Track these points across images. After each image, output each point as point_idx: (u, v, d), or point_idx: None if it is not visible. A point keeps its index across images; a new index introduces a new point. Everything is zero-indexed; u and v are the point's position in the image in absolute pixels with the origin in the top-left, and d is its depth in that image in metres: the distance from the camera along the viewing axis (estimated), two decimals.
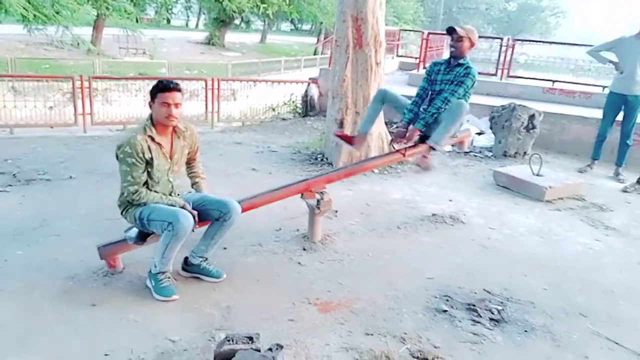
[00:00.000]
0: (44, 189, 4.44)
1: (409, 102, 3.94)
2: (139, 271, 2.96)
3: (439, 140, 3.73)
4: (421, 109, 3.89)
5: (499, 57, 10.38)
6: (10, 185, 4.45)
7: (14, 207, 3.97)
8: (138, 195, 2.68)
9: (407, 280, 3.15)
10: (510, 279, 3.29)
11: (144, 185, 2.71)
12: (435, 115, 3.72)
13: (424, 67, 11.22)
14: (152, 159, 2.68)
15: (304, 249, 3.48)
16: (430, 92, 3.93)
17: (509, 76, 10.21)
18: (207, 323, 2.55)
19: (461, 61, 3.79)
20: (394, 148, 3.86)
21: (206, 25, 33.08)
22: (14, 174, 4.76)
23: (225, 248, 3.37)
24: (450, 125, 3.70)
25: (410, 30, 23.89)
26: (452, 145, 3.94)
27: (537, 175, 5.24)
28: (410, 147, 3.83)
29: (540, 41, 21.48)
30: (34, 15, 12.33)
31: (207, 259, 2.99)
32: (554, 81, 9.62)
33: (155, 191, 2.75)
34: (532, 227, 4.27)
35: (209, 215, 2.85)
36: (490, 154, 6.72)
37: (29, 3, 11.94)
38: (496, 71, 10.31)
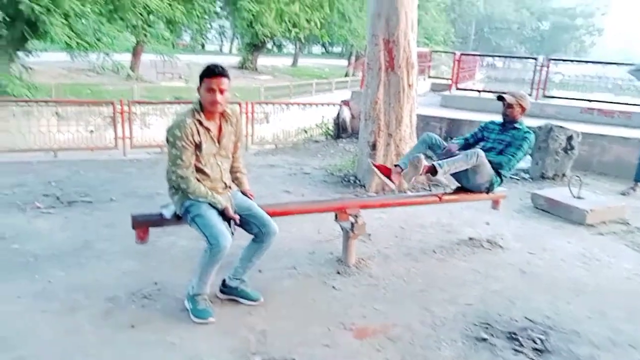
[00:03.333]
0: (86, 210, 4.58)
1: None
2: (177, 293, 3.00)
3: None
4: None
5: (534, 76, 10.24)
6: (53, 207, 4.60)
7: (57, 228, 4.10)
8: (186, 183, 2.67)
9: (444, 307, 3.08)
10: (552, 306, 3.17)
11: (193, 171, 2.69)
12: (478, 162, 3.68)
13: (457, 88, 11.17)
14: (200, 142, 2.67)
15: (338, 273, 3.46)
16: (481, 142, 4.08)
17: (544, 96, 10.04)
18: (243, 347, 2.55)
19: (517, 125, 3.92)
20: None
21: (239, 50, 33.89)
22: (57, 196, 4.92)
23: (260, 271, 3.38)
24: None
25: (441, 52, 23.84)
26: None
27: (577, 197, 5.09)
28: (448, 193, 3.93)
29: (575, 60, 21.07)
30: (77, 43, 12.95)
31: (244, 280, 3.01)
32: (591, 100, 9.40)
33: (203, 180, 2.73)
34: (573, 251, 4.13)
35: (249, 227, 2.87)
36: (528, 175, 6.58)
37: (73, 32, 12.56)
38: (531, 91, 10.16)
